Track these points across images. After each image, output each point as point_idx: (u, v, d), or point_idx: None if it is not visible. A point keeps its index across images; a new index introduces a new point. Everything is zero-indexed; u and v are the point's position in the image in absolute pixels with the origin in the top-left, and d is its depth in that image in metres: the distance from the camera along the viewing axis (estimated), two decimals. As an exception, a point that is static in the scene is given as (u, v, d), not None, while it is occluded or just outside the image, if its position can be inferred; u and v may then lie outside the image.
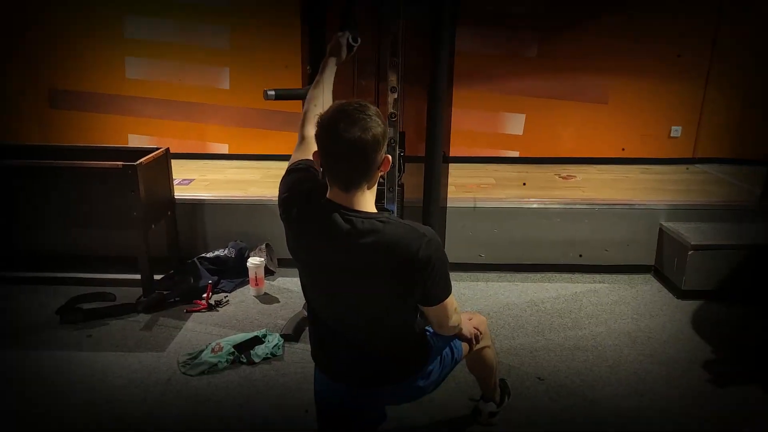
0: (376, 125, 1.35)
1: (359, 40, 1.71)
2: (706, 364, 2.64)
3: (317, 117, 1.40)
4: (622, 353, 2.73)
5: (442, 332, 1.67)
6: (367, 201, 1.42)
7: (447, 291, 1.50)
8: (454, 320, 1.61)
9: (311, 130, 1.53)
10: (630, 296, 3.32)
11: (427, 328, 1.72)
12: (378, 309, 1.50)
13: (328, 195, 1.43)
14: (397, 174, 2.56)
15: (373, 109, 1.37)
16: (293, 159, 1.62)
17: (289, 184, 1.53)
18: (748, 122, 4.41)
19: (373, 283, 1.44)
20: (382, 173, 1.43)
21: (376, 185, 1.45)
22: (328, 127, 1.34)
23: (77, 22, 4.29)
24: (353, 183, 1.38)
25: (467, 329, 1.81)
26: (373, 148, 1.34)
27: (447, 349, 1.75)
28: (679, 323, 3.02)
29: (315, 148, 1.43)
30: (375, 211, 1.43)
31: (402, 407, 1.90)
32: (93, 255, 3.55)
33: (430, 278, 1.41)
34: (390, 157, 1.42)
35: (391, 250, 1.37)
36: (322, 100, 1.70)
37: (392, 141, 2.54)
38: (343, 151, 1.34)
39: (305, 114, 1.70)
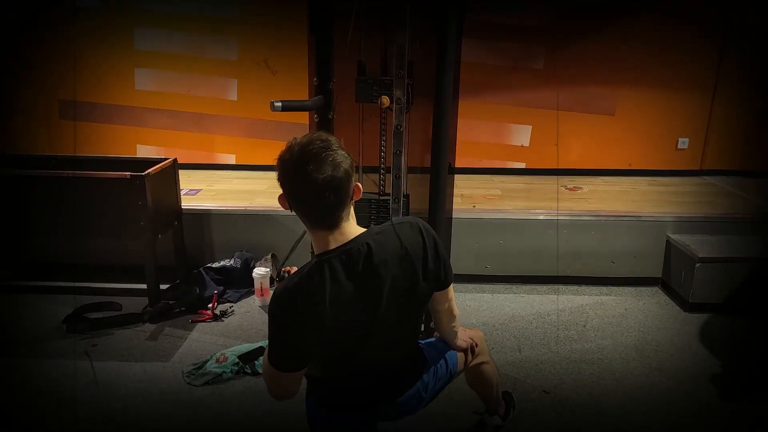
0: (344, 158, 1.32)
1: (283, 273, 1.62)
2: (714, 378, 2.61)
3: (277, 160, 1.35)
4: (629, 366, 2.70)
5: (450, 324, 1.71)
6: (351, 227, 1.39)
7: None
8: (455, 308, 1.68)
9: None
10: (637, 309, 3.29)
11: (420, 341, 1.73)
12: (401, 323, 1.50)
13: (317, 249, 1.39)
14: (406, 106, 2.52)
15: (335, 142, 1.33)
16: (268, 361, 1.43)
17: (297, 332, 1.35)
18: (755, 134, 4.40)
19: (398, 295, 1.42)
20: (354, 201, 1.40)
21: (352, 208, 1.42)
22: (296, 171, 1.29)
23: (87, 34, 4.35)
24: (336, 219, 1.35)
25: (462, 339, 1.81)
26: (346, 182, 1.32)
27: (441, 361, 1.74)
28: (687, 336, 2.99)
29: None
30: (361, 230, 1.41)
31: (405, 421, 1.89)
32: (100, 264, 3.57)
33: (443, 256, 1.47)
34: (360, 185, 1.40)
35: (404, 254, 1.39)
36: None
37: (398, 151, 2.55)
38: (318, 193, 1.29)
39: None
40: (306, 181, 1.29)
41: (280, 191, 1.40)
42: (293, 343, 1.37)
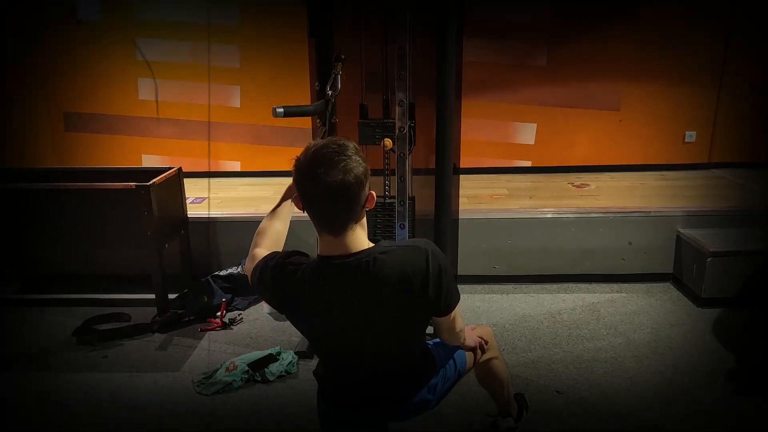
0: (357, 165, 1.31)
1: None
2: (730, 374, 2.57)
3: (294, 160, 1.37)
4: (643, 364, 2.67)
5: (452, 340, 1.67)
6: (359, 239, 1.39)
7: (458, 295, 1.50)
8: (460, 324, 1.63)
9: (261, 252, 1.55)
10: (649, 305, 3.26)
11: (428, 341, 1.71)
12: (396, 337, 1.49)
13: (319, 251, 1.41)
14: (407, 147, 2.54)
15: (351, 147, 1.33)
16: (252, 266, 1.54)
17: (265, 275, 1.46)
18: (763, 125, 4.34)
19: (391, 315, 1.41)
20: (367, 209, 1.40)
21: (365, 219, 1.42)
22: (308, 173, 1.30)
23: (90, 46, 4.36)
24: (342, 226, 1.35)
25: (471, 338, 1.80)
26: (356, 188, 1.31)
27: (450, 362, 1.73)
28: (700, 332, 2.95)
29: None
30: (370, 244, 1.41)
31: (418, 425, 1.87)
32: (108, 275, 3.58)
33: (445, 287, 1.41)
34: (374, 193, 1.39)
35: (404, 277, 1.36)
36: (272, 236, 1.65)
37: (401, 154, 2.54)
38: (327, 196, 1.31)
39: (252, 247, 1.63)
40: (316, 183, 1.29)
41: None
42: (267, 298, 1.53)
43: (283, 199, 1.72)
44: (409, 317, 1.44)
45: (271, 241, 1.63)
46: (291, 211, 1.69)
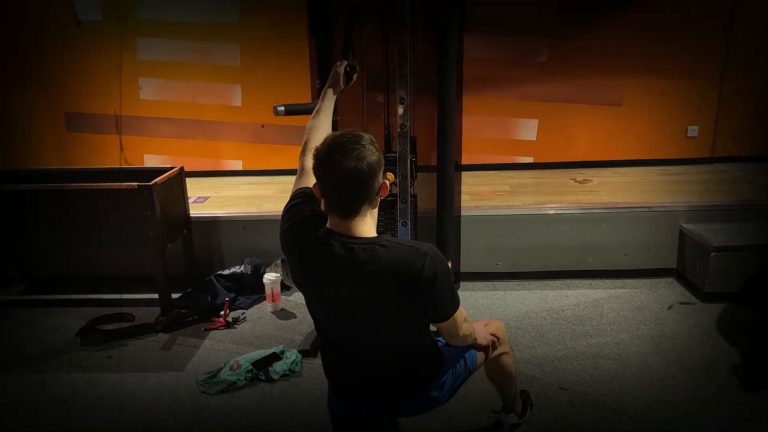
0: (371, 154, 1.37)
1: (357, 68, 1.84)
2: (734, 369, 2.57)
3: (313, 149, 1.42)
4: (647, 360, 2.67)
5: (454, 343, 1.68)
6: (367, 226, 1.43)
7: (456, 304, 1.51)
8: (464, 329, 1.63)
9: (310, 161, 1.57)
10: (652, 301, 3.25)
11: (438, 338, 1.71)
12: (390, 330, 1.50)
13: (328, 224, 1.44)
14: (409, 180, 2.55)
15: (367, 138, 1.40)
16: (294, 188, 1.63)
17: (290, 215, 1.53)
18: (766, 119, 4.33)
19: (382, 307, 1.44)
20: (381, 198, 1.45)
21: (377, 209, 1.47)
22: (323, 159, 1.37)
23: (91, 46, 4.36)
24: (352, 211, 1.40)
25: (484, 337, 1.80)
26: (368, 177, 1.37)
27: (461, 360, 1.73)
28: (704, 327, 2.95)
29: (314, 178, 1.48)
30: (375, 235, 1.44)
31: (422, 420, 1.87)
32: (111, 275, 3.58)
33: (438, 294, 1.42)
34: (387, 182, 1.44)
35: (396, 273, 1.38)
36: (322, 130, 1.73)
37: (402, 151, 2.54)
38: (340, 182, 1.36)
39: (305, 144, 1.70)
40: (330, 169, 1.36)
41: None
42: (285, 254, 1.55)
43: (322, 97, 1.83)
44: (401, 313, 1.46)
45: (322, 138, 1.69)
46: (332, 103, 1.82)
